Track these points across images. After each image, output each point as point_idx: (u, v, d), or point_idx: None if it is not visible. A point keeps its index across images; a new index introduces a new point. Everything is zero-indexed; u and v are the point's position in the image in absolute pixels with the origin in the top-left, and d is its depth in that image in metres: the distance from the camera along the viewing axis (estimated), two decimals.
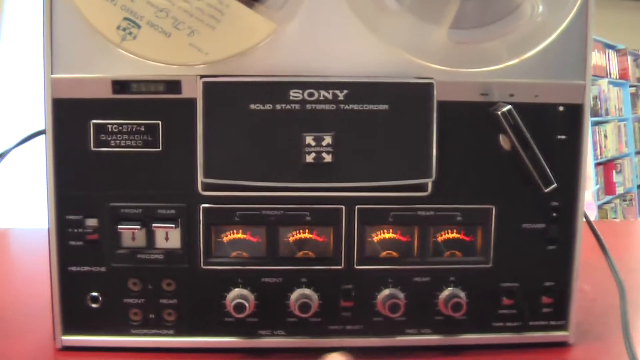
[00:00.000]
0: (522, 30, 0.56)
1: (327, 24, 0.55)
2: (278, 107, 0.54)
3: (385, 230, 0.58)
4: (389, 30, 0.56)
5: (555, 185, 0.56)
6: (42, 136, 0.58)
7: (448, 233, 0.58)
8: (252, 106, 0.54)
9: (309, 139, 0.54)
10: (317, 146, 0.54)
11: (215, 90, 0.54)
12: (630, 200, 4.89)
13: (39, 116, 0.57)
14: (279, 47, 0.55)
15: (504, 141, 0.57)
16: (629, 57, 5.04)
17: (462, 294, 0.58)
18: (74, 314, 0.58)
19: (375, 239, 0.58)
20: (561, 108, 0.57)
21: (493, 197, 0.58)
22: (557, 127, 0.58)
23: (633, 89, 5.12)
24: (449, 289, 0.58)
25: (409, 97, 0.55)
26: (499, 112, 0.55)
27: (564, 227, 0.59)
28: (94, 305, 0.58)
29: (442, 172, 0.56)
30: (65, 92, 0.55)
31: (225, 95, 0.54)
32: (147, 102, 0.55)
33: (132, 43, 0.54)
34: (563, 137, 0.58)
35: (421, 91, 0.55)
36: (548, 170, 0.56)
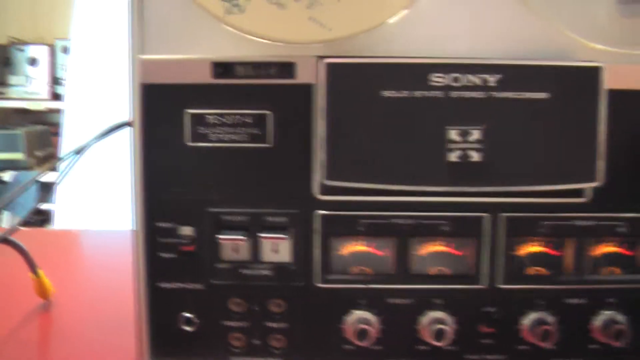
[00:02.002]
0: None
1: None
2: (416, 94, 0.45)
3: (534, 243, 0.48)
4: (546, 2, 0.46)
5: None
6: (127, 128, 0.49)
7: (608, 246, 0.49)
8: (385, 93, 0.45)
9: (454, 134, 0.45)
10: (464, 142, 0.45)
11: (341, 74, 0.45)
12: None
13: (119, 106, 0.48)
14: (414, 23, 0.46)
15: None
16: None
17: (623, 318, 0.48)
18: (164, 337, 0.49)
19: (522, 252, 0.48)
20: None
21: None
22: None
23: None
24: (607, 312, 0.49)
25: (573, 84, 0.45)
26: None
27: None
28: (187, 328, 0.49)
29: (606, 176, 0.47)
30: (156, 77, 0.47)
31: (353, 80, 0.45)
32: (255, 88, 0.47)
33: (239, 17, 0.45)
34: None
35: (587, 77, 0.46)
36: None
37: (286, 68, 0.46)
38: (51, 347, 0.58)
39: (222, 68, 0.47)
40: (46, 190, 0.56)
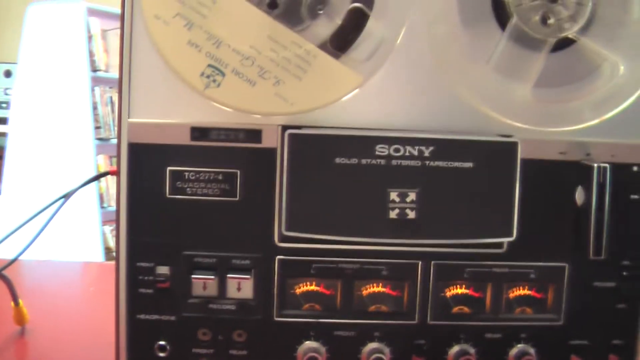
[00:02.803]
0: (603, 90, 0.56)
1: (411, 77, 0.55)
2: (363, 161, 0.53)
3: (459, 286, 0.57)
4: (474, 87, 0.55)
5: (602, 257, 0.56)
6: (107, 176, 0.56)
7: (520, 290, 0.58)
8: (337, 160, 0.53)
9: (394, 195, 0.54)
10: (402, 202, 0.54)
11: (301, 143, 0.53)
12: None
13: None
14: (363, 100, 0.55)
15: (579, 195, 0.57)
16: None
17: (532, 351, 0.58)
18: None
19: (448, 294, 0.57)
20: (636, 168, 0.57)
21: (566, 255, 0.57)
22: (631, 187, 0.58)
23: None
24: (520, 345, 0.58)
25: (494, 155, 0.54)
26: (596, 165, 0.54)
27: (635, 285, 0.59)
28: (161, 355, 0.56)
29: (519, 231, 0.56)
30: (142, 137, 0.54)
31: (311, 148, 0.53)
32: (226, 150, 0.54)
33: (216, 90, 0.53)
34: (636, 196, 0.58)
35: (506, 150, 0.55)
36: (604, 242, 0.56)
37: (254, 134, 0.54)
38: None
39: (199, 132, 0.54)
40: None
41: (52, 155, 2.84)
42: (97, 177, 0.60)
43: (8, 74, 3.20)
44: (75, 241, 2.72)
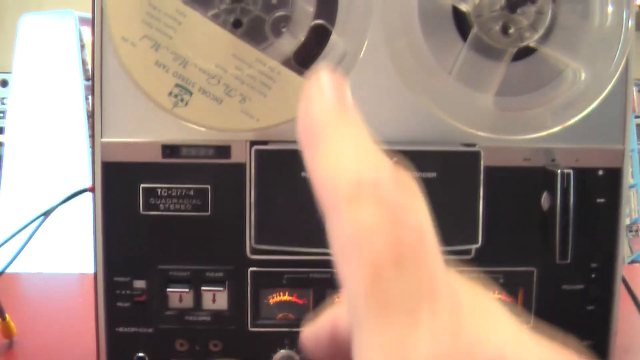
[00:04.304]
0: (565, 97, 0.57)
1: (375, 90, 0.56)
2: None
3: None
4: (436, 97, 0.56)
5: (567, 261, 0.57)
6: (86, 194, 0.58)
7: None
8: (303, 174, 0.55)
9: None
10: None
11: (267, 158, 0.55)
12: (637, 231, 4.88)
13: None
14: None
15: (544, 200, 0.58)
16: (634, 88, 5.05)
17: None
18: None
19: None
20: (601, 172, 0.58)
21: (534, 260, 0.59)
22: (596, 191, 0.59)
23: (639, 120, 5.11)
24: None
25: (457, 165, 0.56)
26: (559, 171, 0.55)
27: (603, 287, 0.60)
28: None
29: (486, 237, 0.57)
30: (115, 156, 0.56)
31: (277, 162, 0.55)
32: (196, 167, 0.56)
33: (184, 109, 0.54)
34: (602, 200, 0.59)
35: (469, 159, 0.56)
36: (570, 246, 0.57)
37: (223, 150, 0.56)
38: None
39: (170, 149, 0.56)
40: None
41: (48, 164, 2.87)
42: (75, 194, 0.62)
43: (4, 83, 3.22)
44: (75, 253, 2.75)
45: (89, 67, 2.94)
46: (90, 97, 2.84)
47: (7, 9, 4.24)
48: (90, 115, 0.55)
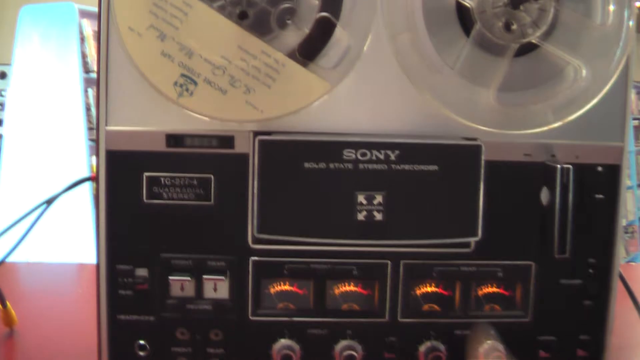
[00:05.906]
0: (566, 94, 0.58)
1: (378, 84, 0.57)
2: (331, 166, 0.55)
3: (428, 285, 0.59)
4: (438, 92, 0.57)
5: (566, 256, 0.57)
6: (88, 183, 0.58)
7: (488, 287, 0.60)
8: (306, 165, 0.55)
9: (361, 198, 0.55)
10: (369, 205, 0.55)
11: (271, 149, 0.55)
12: (632, 232, 4.89)
13: None
14: (331, 106, 0.56)
15: (544, 195, 0.58)
16: (632, 90, 5.05)
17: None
18: None
19: (418, 292, 0.59)
20: (600, 168, 0.59)
21: (533, 254, 0.59)
22: (595, 187, 0.59)
23: (636, 122, 5.12)
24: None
25: (458, 158, 0.56)
26: (559, 166, 0.56)
27: (600, 282, 0.60)
28: (142, 354, 0.58)
29: (486, 230, 0.58)
30: (119, 145, 0.56)
31: (280, 153, 0.55)
32: (200, 156, 0.56)
33: (188, 99, 0.55)
34: (601, 196, 0.59)
35: (470, 153, 0.56)
36: (568, 241, 0.57)
37: (226, 140, 0.57)
38: None
39: (174, 139, 0.56)
40: None
41: (46, 156, 2.87)
42: (78, 183, 0.62)
43: (4, 75, 3.22)
44: (75, 242, 2.74)
45: (89, 59, 2.95)
46: (89, 89, 2.84)
47: (7, 1, 4.24)
48: (95, 105, 0.55)
